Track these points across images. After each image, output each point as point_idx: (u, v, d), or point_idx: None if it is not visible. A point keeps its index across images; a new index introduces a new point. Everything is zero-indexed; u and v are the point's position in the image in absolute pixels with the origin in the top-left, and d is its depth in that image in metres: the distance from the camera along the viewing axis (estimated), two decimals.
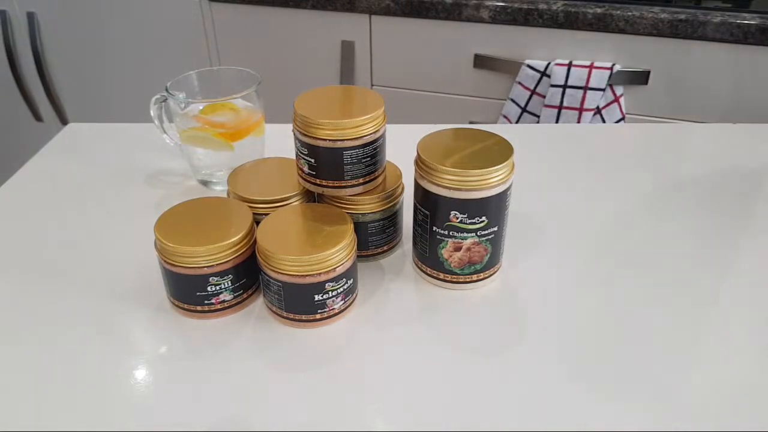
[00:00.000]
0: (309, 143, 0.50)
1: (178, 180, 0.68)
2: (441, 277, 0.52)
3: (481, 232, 0.49)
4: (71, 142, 0.77)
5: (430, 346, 0.48)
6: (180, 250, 0.46)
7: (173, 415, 0.42)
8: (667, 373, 0.45)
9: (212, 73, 0.68)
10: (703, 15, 1.23)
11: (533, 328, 0.49)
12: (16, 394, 0.44)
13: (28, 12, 1.60)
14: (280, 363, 0.46)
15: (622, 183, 0.68)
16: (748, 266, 0.56)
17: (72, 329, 0.49)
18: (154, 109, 0.66)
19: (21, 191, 0.67)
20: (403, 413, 0.42)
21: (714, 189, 0.66)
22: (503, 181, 0.48)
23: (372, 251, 0.56)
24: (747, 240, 0.59)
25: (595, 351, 0.47)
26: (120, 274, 0.55)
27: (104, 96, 1.70)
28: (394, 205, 0.55)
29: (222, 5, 1.47)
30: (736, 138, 0.77)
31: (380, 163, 0.53)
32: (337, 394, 0.44)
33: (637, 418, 0.42)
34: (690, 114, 1.32)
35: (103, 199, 0.65)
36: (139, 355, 0.47)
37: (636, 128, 0.80)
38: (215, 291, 0.48)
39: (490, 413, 0.42)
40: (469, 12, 1.34)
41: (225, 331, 0.49)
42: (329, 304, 0.48)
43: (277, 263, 0.46)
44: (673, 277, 0.54)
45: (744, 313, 0.50)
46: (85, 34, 1.61)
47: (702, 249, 0.57)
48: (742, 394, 0.44)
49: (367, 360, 0.46)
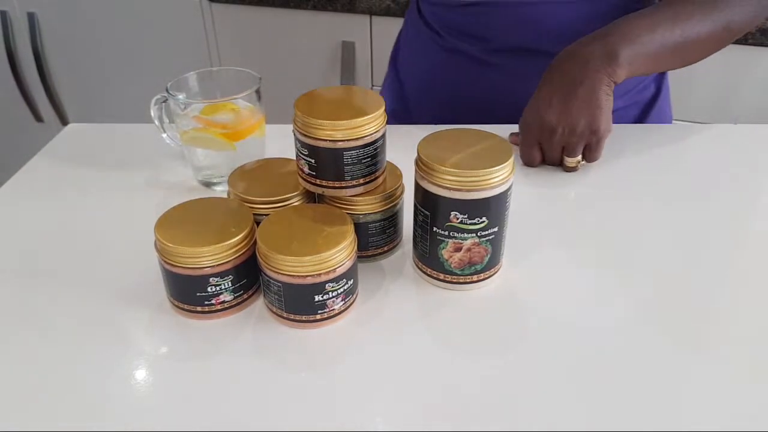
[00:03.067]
0: (309, 144, 0.50)
1: (178, 180, 0.68)
2: (441, 277, 0.52)
3: (481, 233, 0.49)
4: (71, 142, 0.77)
5: (431, 347, 0.48)
6: (180, 250, 0.46)
7: (173, 416, 0.42)
8: (668, 373, 0.45)
9: (212, 73, 0.68)
10: None
11: (533, 329, 0.49)
12: (15, 394, 0.44)
13: (29, 12, 1.60)
14: (281, 363, 0.46)
15: (623, 183, 0.68)
16: (748, 266, 0.56)
17: (72, 329, 0.49)
18: (154, 110, 0.66)
19: (21, 191, 0.67)
20: (403, 413, 0.42)
21: (714, 189, 0.66)
22: (504, 181, 0.48)
23: (372, 252, 0.56)
24: (747, 240, 0.59)
25: (596, 351, 0.47)
26: (120, 274, 0.55)
27: (104, 96, 1.70)
28: (394, 205, 0.55)
29: (222, 5, 1.47)
30: (736, 139, 0.77)
31: (380, 164, 0.53)
32: (338, 394, 0.44)
33: (637, 419, 0.42)
34: (690, 114, 1.32)
35: (104, 200, 0.65)
36: (139, 355, 0.47)
37: (637, 128, 0.80)
38: (215, 291, 0.48)
39: (491, 413, 0.42)
40: None
41: (225, 332, 0.49)
42: (329, 305, 0.48)
43: (278, 264, 0.46)
44: (674, 277, 0.54)
45: (744, 313, 0.50)
46: (86, 34, 1.61)
47: (702, 249, 0.57)
48: (743, 394, 0.44)
49: (367, 360, 0.46)
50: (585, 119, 0.63)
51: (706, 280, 0.54)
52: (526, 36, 0.75)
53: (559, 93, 0.63)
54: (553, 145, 0.66)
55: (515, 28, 0.75)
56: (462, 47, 0.80)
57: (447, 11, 0.80)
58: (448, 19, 0.80)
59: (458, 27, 0.80)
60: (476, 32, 0.78)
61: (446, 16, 0.80)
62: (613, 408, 0.43)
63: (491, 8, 0.75)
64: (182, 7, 1.49)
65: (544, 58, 0.67)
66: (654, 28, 0.62)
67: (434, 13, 0.82)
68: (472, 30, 0.78)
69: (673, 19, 0.63)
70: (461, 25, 0.79)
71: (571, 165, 0.67)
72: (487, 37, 0.77)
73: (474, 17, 0.77)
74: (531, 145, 0.67)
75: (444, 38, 0.81)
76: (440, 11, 0.81)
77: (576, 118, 0.63)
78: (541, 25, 0.74)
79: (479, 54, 0.78)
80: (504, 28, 0.76)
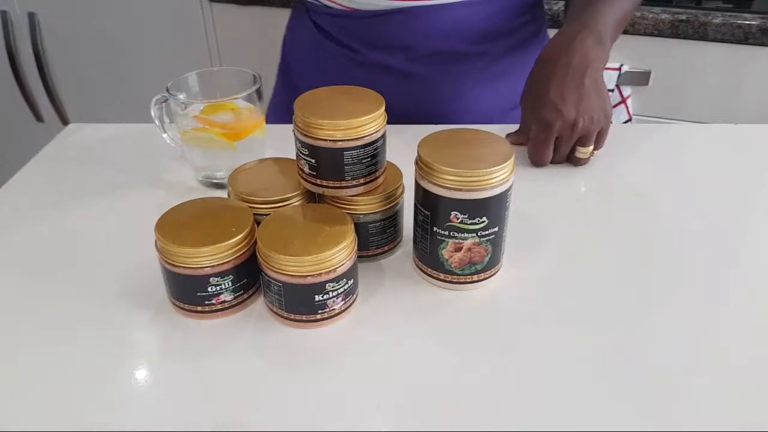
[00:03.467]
0: (309, 143, 0.50)
1: (178, 180, 0.68)
2: (441, 277, 0.52)
3: (481, 233, 0.49)
4: (72, 142, 0.77)
5: (431, 347, 0.48)
6: (180, 250, 0.46)
7: (173, 416, 0.42)
8: (669, 373, 0.45)
9: (213, 73, 0.68)
10: (704, 15, 1.23)
11: (533, 329, 0.49)
12: (15, 394, 0.44)
13: (29, 12, 1.60)
14: (281, 363, 0.46)
15: (623, 183, 0.68)
16: (748, 267, 0.56)
17: (72, 329, 0.49)
18: (154, 110, 0.66)
19: (22, 191, 0.67)
20: (403, 414, 0.42)
21: (714, 190, 0.66)
22: (504, 181, 0.48)
23: (372, 252, 0.56)
24: (747, 241, 0.59)
25: (596, 351, 0.47)
26: (120, 274, 0.55)
27: (105, 96, 1.70)
28: (394, 205, 0.55)
29: (222, 5, 1.47)
30: (737, 139, 0.77)
31: (381, 164, 0.53)
32: (338, 394, 0.44)
33: (637, 419, 0.42)
34: (690, 115, 1.32)
35: (104, 200, 0.65)
36: (139, 355, 0.47)
37: (639, 129, 0.80)
38: (216, 291, 0.48)
39: (491, 413, 0.42)
40: None
41: (225, 332, 0.49)
42: (330, 305, 0.48)
43: (278, 263, 0.46)
44: (674, 277, 0.54)
45: (745, 313, 0.50)
46: (86, 34, 1.61)
47: (702, 250, 0.57)
48: (744, 395, 0.44)
49: (367, 360, 0.46)
50: (598, 105, 0.66)
51: (707, 280, 0.54)
52: (445, 38, 0.77)
53: (568, 86, 0.65)
54: (572, 138, 0.67)
55: (436, 31, 0.76)
56: (383, 59, 0.78)
57: (361, 24, 0.77)
58: (363, 31, 0.78)
59: (379, 38, 0.77)
60: (399, 41, 0.77)
61: (361, 29, 0.78)
62: (614, 408, 0.43)
63: (411, 14, 0.75)
64: (182, 7, 1.49)
65: (461, 58, 0.75)
66: (615, 10, 0.69)
67: (344, 28, 0.79)
68: (396, 39, 0.77)
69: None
70: (382, 35, 0.77)
71: (585, 156, 0.68)
72: (411, 44, 0.77)
73: (395, 25, 0.76)
74: (548, 145, 0.67)
75: (361, 53, 0.79)
76: (350, 25, 0.78)
77: (592, 107, 0.66)
78: (457, 26, 0.76)
79: (401, 65, 0.78)
80: (425, 32, 0.76)
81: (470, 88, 0.80)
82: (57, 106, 1.74)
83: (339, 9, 0.77)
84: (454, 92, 0.79)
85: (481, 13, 0.76)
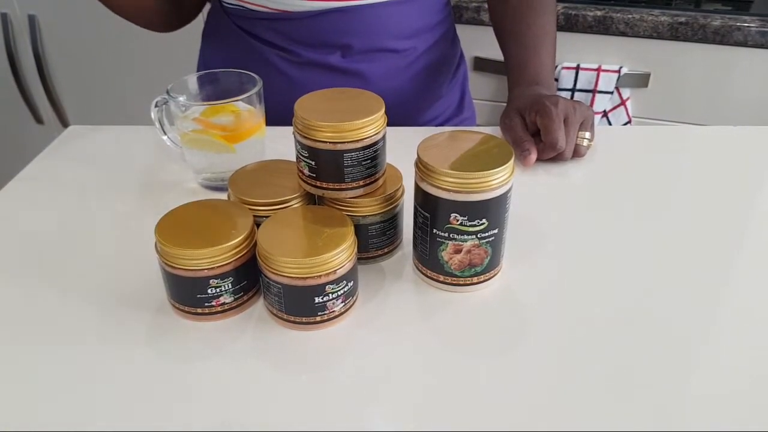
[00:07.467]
0: (309, 145, 0.50)
1: (178, 182, 0.69)
2: (441, 279, 0.52)
3: (481, 235, 0.49)
4: (72, 144, 0.77)
5: (431, 348, 0.48)
6: (180, 252, 0.47)
7: (173, 417, 0.42)
8: (669, 374, 0.45)
9: (213, 75, 0.68)
10: (703, 18, 1.23)
11: (533, 330, 0.49)
12: (14, 394, 0.44)
13: (29, 14, 1.60)
14: (281, 365, 0.46)
15: (622, 185, 0.68)
16: (748, 268, 0.56)
17: (72, 331, 0.49)
18: (154, 112, 0.66)
19: (22, 193, 0.67)
20: (403, 415, 0.42)
21: (714, 192, 0.66)
22: (504, 183, 0.48)
23: (372, 253, 0.56)
24: (746, 243, 0.59)
25: (596, 353, 0.47)
26: (120, 276, 0.55)
27: (105, 98, 1.70)
28: (394, 207, 0.55)
29: None
30: (736, 141, 0.77)
31: (380, 166, 0.53)
32: (338, 396, 0.44)
33: (637, 419, 0.42)
34: (690, 117, 1.32)
35: (104, 202, 0.66)
36: (139, 357, 0.47)
37: (638, 131, 0.80)
38: (216, 293, 0.49)
39: (491, 414, 0.42)
40: (469, 15, 1.34)
41: (225, 334, 0.49)
42: (329, 307, 0.48)
43: (278, 265, 0.46)
44: (674, 278, 0.54)
45: (745, 313, 0.50)
46: (86, 36, 1.61)
47: (702, 251, 0.57)
48: (744, 395, 0.44)
49: (367, 362, 0.46)
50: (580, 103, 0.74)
51: (707, 281, 0.54)
52: (381, 35, 0.80)
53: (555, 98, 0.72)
54: (576, 119, 0.71)
55: (373, 28, 0.79)
56: (320, 58, 0.79)
57: (297, 25, 0.78)
58: (298, 33, 0.78)
59: (316, 37, 0.78)
60: (337, 39, 0.78)
61: (296, 30, 0.78)
62: (614, 408, 0.43)
63: (349, 13, 0.77)
64: None
65: (394, 54, 0.81)
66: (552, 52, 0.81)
67: (276, 30, 0.79)
68: (333, 38, 0.78)
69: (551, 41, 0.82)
70: (319, 34, 0.78)
71: (589, 142, 0.72)
72: (349, 42, 0.78)
73: (333, 24, 0.77)
74: (561, 125, 0.69)
75: (296, 53, 0.79)
76: (284, 27, 0.79)
77: (578, 102, 0.73)
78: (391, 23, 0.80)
79: (338, 62, 0.79)
80: (363, 30, 0.78)
81: (403, 82, 0.84)
82: (57, 109, 1.74)
83: (269, 12, 0.79)
84: (390, 86, 0.82)
85: (410, 10, 0.81)
